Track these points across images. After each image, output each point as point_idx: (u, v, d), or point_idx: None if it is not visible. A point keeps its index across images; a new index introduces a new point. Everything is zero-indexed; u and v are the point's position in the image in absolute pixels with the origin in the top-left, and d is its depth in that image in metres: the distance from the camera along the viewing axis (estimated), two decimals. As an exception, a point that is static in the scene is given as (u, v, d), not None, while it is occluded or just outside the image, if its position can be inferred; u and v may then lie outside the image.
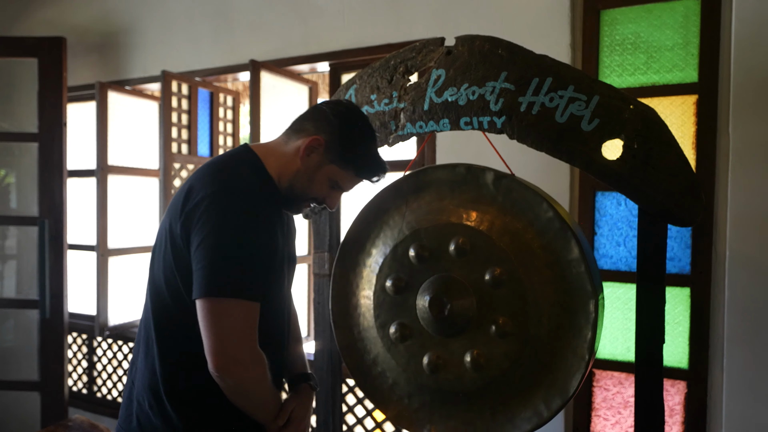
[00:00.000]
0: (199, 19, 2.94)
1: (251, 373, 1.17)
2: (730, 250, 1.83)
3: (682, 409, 1.97)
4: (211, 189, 1.17)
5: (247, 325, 1.16)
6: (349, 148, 1.30)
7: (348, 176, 1.33)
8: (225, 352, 1.13)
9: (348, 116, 1.31)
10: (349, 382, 2.55)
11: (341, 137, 1.29)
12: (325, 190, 1.34)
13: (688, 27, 1.93)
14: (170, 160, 2.86)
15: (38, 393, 2.97)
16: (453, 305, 1.43)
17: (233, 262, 1.14)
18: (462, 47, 1.44)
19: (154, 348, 1.27)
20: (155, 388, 1.26)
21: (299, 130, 1.33)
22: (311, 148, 1.29)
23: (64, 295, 2.91)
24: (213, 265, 1.13)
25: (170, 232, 1.23)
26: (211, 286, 1.13)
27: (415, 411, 1.54)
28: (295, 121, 1.36)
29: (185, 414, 1.24)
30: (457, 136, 2.19)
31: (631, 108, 1.26)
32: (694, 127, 1.93)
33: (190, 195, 1.20)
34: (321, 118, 1.31)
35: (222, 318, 1.13)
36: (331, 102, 1.35)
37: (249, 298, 1.16)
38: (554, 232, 1.36)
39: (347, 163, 1.31)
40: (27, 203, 3.60)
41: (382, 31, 2.42)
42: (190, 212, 1.18)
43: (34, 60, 2.89)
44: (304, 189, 1.32)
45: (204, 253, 1.14)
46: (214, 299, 1.13)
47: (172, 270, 1.22)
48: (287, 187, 1.32)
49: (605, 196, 2.06)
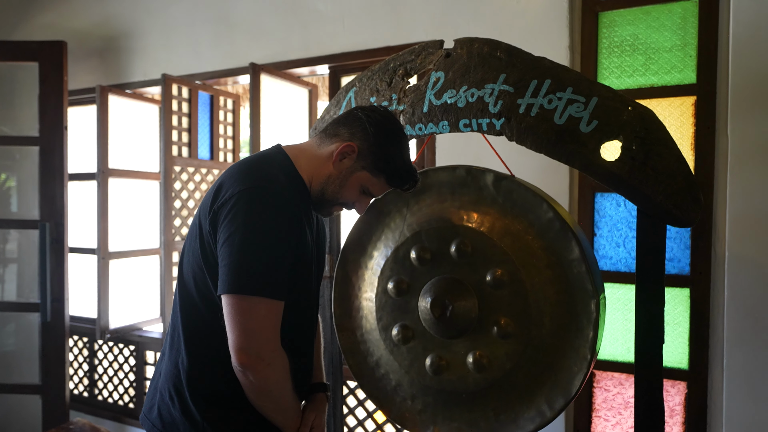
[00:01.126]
0: (199, 23, 2.95)
1: (273, 371, 1.18)
2: (729, 251, 1.84)
3: (682, 409, 1.97)
4: (240, 187, 1.18)
5: (271, 322, 1.17)
6: (382, 156, 1.30)
7: (379, 183, 1.33)
8: (249, 347, 1.14)
9: (383, 124, 1.31)
10: (349, 384, 2.55)
11: (375, 145, 1.30)
12: (355, 196, 1.35)
13: (686, 28, 1.93)
14: (171, 163, 2.87)
15: (39, 396, 2.97)
16: (455, 307, 1.43)
17: (259, 260, 1.15)
18: (461, 50, 1.45)
19: (180, 342, 1.29)
20: (177, 381, 1.28)
21: (333, 134, 1.33)
22: (344, 154, 1.30)
23: (65, 298, 2.92)
24: (239, 262, 1.14)
25: (200, 229, 1.25)
26: (236, 282, 1.14)
27: (418, 413, 1.55)
28: (330, 125, 1.36)
29: (205, 408, 1.26)
30: (457, 138, 2.19)
31: (629, 109, 1.26)
32: (692, 128, 1.93)
33: (220, 192, 1.21)
34: (356, 124, 1.31)
35: (247, 314, 1.14)
36: (368, 108, 1.35)
37: (273, 296, 1.16)
38: (555, 233, 1.37)
39: (379, 170, 1.31)
40: (28, 207, 3.61)
41: (381, 34, 2.43)
42: (218, 209, 1.19)
43: (35, 64, 2.90)
44: (335, 193, 1.33)
45: (230, 249, 1.15)
46: (239, 296, 1.14)
47: (200, 266, 1.24)
48: (319, 190, 1.33)
49: (604, 198, 2.07)
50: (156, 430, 1.31)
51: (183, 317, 1.30)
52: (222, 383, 1.25)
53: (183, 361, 1.28)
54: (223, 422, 1.26)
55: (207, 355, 1.26)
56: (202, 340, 1.27)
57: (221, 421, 1.26)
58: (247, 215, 1.16)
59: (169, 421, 1.28)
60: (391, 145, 1.31)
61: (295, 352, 1.30)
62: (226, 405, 1.27)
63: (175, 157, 2.91)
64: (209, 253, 1.22)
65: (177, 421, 1.27)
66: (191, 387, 1.27)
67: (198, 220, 1.27)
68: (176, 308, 1.33)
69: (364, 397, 2.54)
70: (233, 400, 1.25)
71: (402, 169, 1.33)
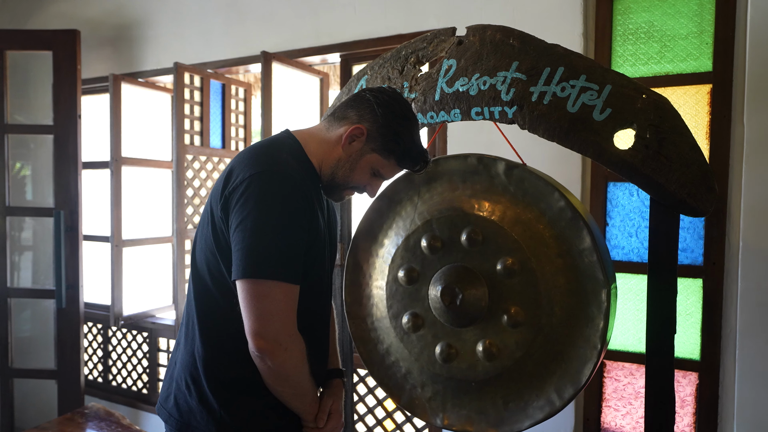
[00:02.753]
0: (211, 11, 2.95)
1: (290, 356, 1.17)
2: (743, 241, 1.82)
3: (693, 400, 1.97)
4: (251, 171, 1.17)
5: (287, 306, 1.17)
6: (392, 137, 1.28)
7: (390, 165, 1.32)
8: (266, 332, 1.14)
9: (392, 105, 1.30)
10: (359, 371, 2.57)
11: (384, 126, 1.28)
12: (366, 178, 1.34)
13: (703, 15, 1.90)
14: (183, 152, 2.88)
15: (55, 381, 3.02)
16: (465, 295, 1.43)
17: (273, 243, 1.14)
18: (473, 37, 1.43)
19: (196, 330, 1.29)
20: (193, 369, 1.28)
21: (342, 117, 1.32)
22: (353, 137, 1.29)
23: (80, 285, 2.95)
24: (253, 246, 1.14)
25: (211, 215, 1.24)
26: (251, 267, 1.13)
27: (428, 400, 1.56)
28: (338, 107, 1.35)
29: (223, 396, 1.25)
30: (469, 126, 2.18)
31: (643, 97, 1.25)
32: (708, 116, 1.91)
33: (230, 178, 1.20)
34: (364, 106, 1.30)
35: (262, 299, 1.14)
36: (375, 90, 1.33)
37: (288, 280, 1.16)
38: (566, 222, 1.36)
39: (389, 152, 1.30)
40: (43, 195, 3.65)
41: (393, 22, 2.42)
42: (229, 194, 1.18)
43: (49, 53, 2.92)
44: (345, 177, 1.32)
45: (243, 234, 1.14)
46: (254, 280, 1.14)
47: (213, 252, 1.23)
48: (329, 174, 1.32)
49: (617, 187, 2.05)
50: (173, 419, 1.30)
51: (198, 305, 1.29)
52: (238, 370, 1.24)
53: (198, 349, 1.28)
54: (240, 409, 1.26)
55: (223, 343, 1.26)
56: (217, 328, 1.26)
57: (238, 408, 1.26)
58: (259, 199, 1.15)
59: (186, 409, 1.28)
60: (401, 126, 1.29)
61: (311, 336, 1.29)
62: (243, 392, 1.26)
63: (188, 145, 2.93)
64: (222, 239, 1.22)
65: (194, 409, 1.27)
66: (207, 375, 1.26)
67: (209, 207, 1.26)
68: (190, 297, 1.33)
69: (374, 385, 2.56)
70: (250, 387, 1.24)
71: (412, 150, 1.31)
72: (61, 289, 2.90)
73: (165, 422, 1.33)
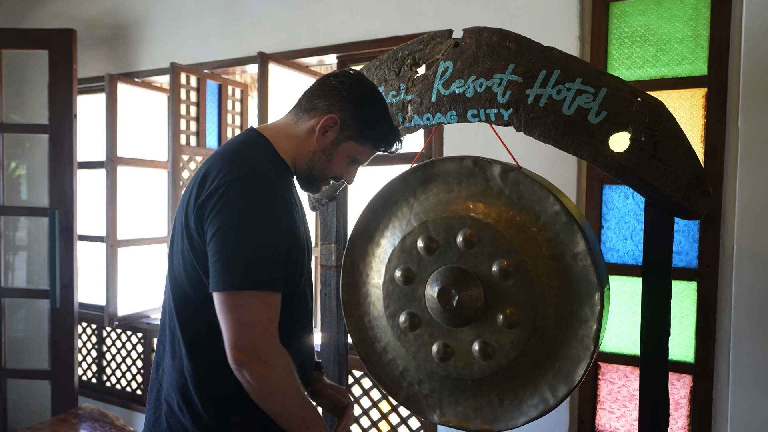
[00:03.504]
0: (208, 11, 2.95)
1: (271, 370, 1.10)
2: (737, 244, 1.83)
3: (687, 402, 1.97)
4: (226, 177, 1.12)
5: (267, 317, 1.11)
6: (366, 122, 1.25)
7: (366, 150, 1.30)
8: (244, 345, 1.08)
9: (360, 89, 1.26)
10: (355, 373, 2.57)
11: (357, 113, 1.24)
12: (344, 167, 1.31)
13: (698, 19, 1.91)
14: (179, 152, 2.88)
15: (49, 382, 3.01)
16: (461, 296, 1.44)
17: (250, 252, 1.10)
18: (470, 39, 1.44)
19: (182, 348, 1.20)
20: (184, 389, 1.20)
21: (310, 108, 1.27)
22: (326, 128, 1.24)
23: (74, 285, 2.94)
24: (229, 257, 1.09)
25: (185, 226, 1.18)
26: (228, 278, 1.08)
27: (425, 397, 1.57)
28: (303, 98, 1.29)
29: (217, 414, 1.18)
30: (465, 128, 2.19)
31: (638, 100, 1.25)
32: (703, 120, 1.92)
33: (203, 186, 1.15)
34: (333, 94, 1.25)
35: (240, 310, 1.09)
36: (340, 74, 1.27)
37: (268, 288, 1.11)
38: (561, 225, 1.37)
39: (365, 138, 1.27)
40: (38, 194, 3.64)
41: (390, 24, 2.42)
42: (203, 203, 1.13)
43: (45, 52, 2.91)
44: (323, 169, 1.29)
45: (219, 245, 1.10)
46: (231, 292, 1.09)
47: (193, 264, 1.17)
48: (305, 168, 1.28)
49: (612, 189, 2.06)
50: None
51: (181, 322, 1.21)
52: (232, 386, 1.15)
53: (188, 368, 1.19)
54: (238, 427, 1.19)
55: (214, 359, 1.17)
56: (206, 344, 1.18)
57: (235, 426, 1.19)
58: (235, 206, 1.10)
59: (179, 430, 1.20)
60: (373, 109, 1.26)
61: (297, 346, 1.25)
62: (239, 408, 1.18)
63: (183, 146, 2.92)
64: (199, 251, 1.15)
65: (188, 429, 1.19)
66: (200, 394, 1.18)
67: (182, 218, 1.19)
68: (171, 313, 1.23)
69: (369, 386, 2.56)
70: (247, 402, 1.16)
71: (388, 133, 1.28)
72: (55, 289, 2.89)
73: None
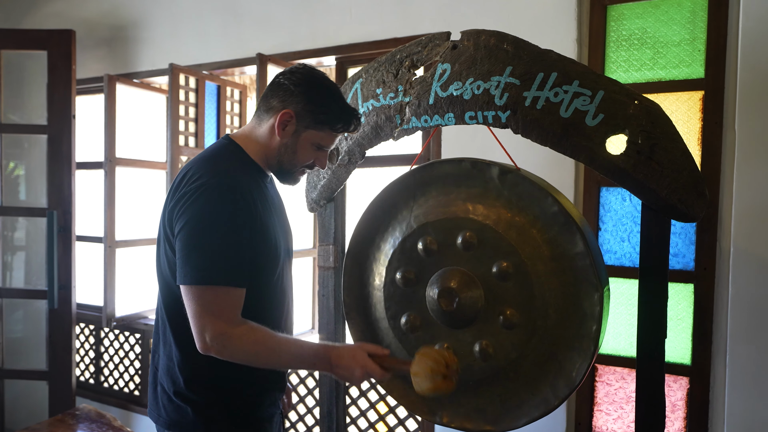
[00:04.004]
0: (207, 13, 2.95)
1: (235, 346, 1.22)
2: (734, 247, 1.83)
3: (684, 405, 1.98)
4: (192, 184, 1.25)
5: (225, 309, 1.22)
6: (318, 109, 1.34)
7: (326, 135, 1.38)
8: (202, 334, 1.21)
9: (306, 80, 1.35)
10: (353, 374, 2.56)
11: (307, 103, 1.33)
12: (311, 154, 1.40)
13: (695, 22, 1.92)
14: (177, 153, 2.88)
15: (46, 382, 3.00)
16: (461, 298, 1.45)
17: (210, 249, 1.21)
18: (468, 42, 1.44)
19: (169, 336, 1.35)
20: (172, 372, 1.34)
21: (268, 109, 1.37)
22: (284, 123, 1.34)
23: (72, 286, 2.94)
24: (188, 254, 1.21)
25: (164, 227, 1.31)
26: (191, 272, 1.20)
27: (427, 399, 1.57)
28: (261, 100, 1.41)
29: (201, 393, 1.32)
30: (463, 130, 2.19)
31: (635, 103, 1.26)
32: (700, 123, 1.92)
33: (177, 190, 1.28)
34: (283, 90, 1.35)
35: (201, 303, 1.21)
36: (287, 72, 1.38)
37: (229, 284, 1.22)
38: (560, 226, 1.38)
39: (322, 123, 1.35)
40: (36, 195, 3.64)
41: (388, 26, 2.42)
42: (173, 207, 1.27)
43: (44, 53, 2.91)
44: (291, 161, 1.39)
45: (181, 243, 1.23)
46: (191, 286, 1.21)
47: (173, 260, 1.29)
48: (276, 164, 1.39)
49: (610, 192, 2.07)
50: (162, 419, 1.37)
51: (168, 313, 1.35)
52: (214, 369, 1.29)
53: (175, 353, 1.33)
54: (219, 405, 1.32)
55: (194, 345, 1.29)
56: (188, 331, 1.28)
57: (217, 403, 1.32)
58: (198, 207, 1.22)
59: (172, 408, 1.34)
60: (321, 96, 1.35)
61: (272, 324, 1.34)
62: (220, 388, 1.32)
63: (182, 146, 2.92)
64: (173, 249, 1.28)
65: (180, 408, 1.33)
66: (185, 376, 1.32)
67: (163, 219, 1.33)
68: (160, 304, 1.39)
69: (366, 388, 2.56)
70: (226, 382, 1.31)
71: (342, 114, 1.36)
72: (53, 290, 2.89)
73: (155, 423, 1.40)
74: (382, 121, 1.56)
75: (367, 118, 1.59)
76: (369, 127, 1.59)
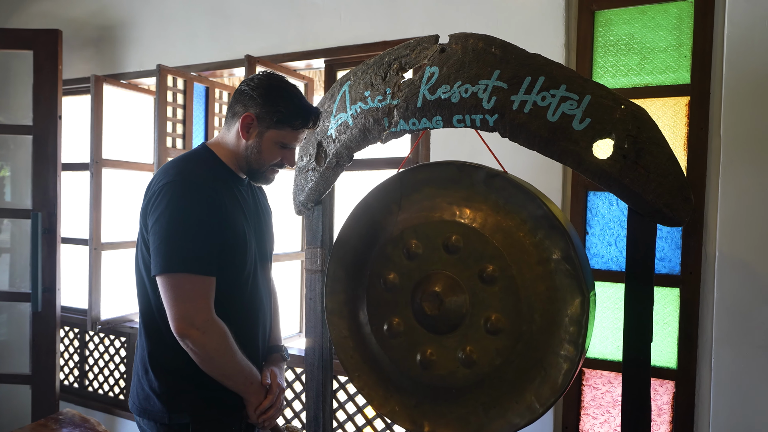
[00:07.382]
0: (195, 14, 2.93)
1: (210, 339, 1.35)
2: (719, 251, 1.85)
3: (670, 408, 1.99)
4: (164, 181, 1.38)
5: (201, 294, 1.34)
6: (276, 110, 1.44)
7: (287, 133, 1.48)
8: (181, 316, 1.32)
9: (264, 84, 1.46)
10: (340, 378, 2.56)
11: (265, 105, 1.44)
12: (276, 153, 1.50)
13: (682, 29, 1.94)
14: (165, 155, 2.86)
15: (29, 386, 2.96)
16: (446, 302, 1.44)
17: (181, 240, 1.33)
18: (456, 45, 1.44)
19: (142, 327, 1.50)
20: (144, 361, 1.48)
21: (233, 115, 1.50)
22: (247, 126, 1.46)
23: (57, 288, 2.90)
24: (163, 245, 1.33)
25: (141, 226, 1.45)
26: (164, 262, 1.32)
27: (408, 407, 1.55)
28: (228, 108, 1.53)
29: (168, 382, 1.44)
30: (451, 133, 2.19)
31: (622, 108, 1.27)
32: (685, 128, 1.94)
33: (148, 191, 1.42)
34: (244, 96, 1.47)
35: (177, 289, 1.33)
36: (248, 80, 1.49)
37: (200, 272, 1.34)
38: (546, 230, 1.37)
39: (281, 123, 1.46)
40: (21, 196, 3.59)
41: (378, 29, 2.42)
42: (145, 206, 1.41)
43: (30, 52, 2.88)
44: (258, 160, 1.50)
45: (155, 235, 1.35)
46: (168, 274, 1.33)
47: (146, 256, 1.42)
48: (245, 164, 1.51)
49: (597, 196, 2.07)
50: (135, 406, 1.50)
51: (141, 307, 1.50)
52: (178, 362, 1.41)
53: (144, 344, 1.48)
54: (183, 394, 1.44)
55: (162, 337, 1.43)
56: (156, 324, 1.44)
57: (182, 392, 1.44)
58: (167, 204, 1.34)
59: (143, 396, 1.47)
60: (279, 97, 1.45)
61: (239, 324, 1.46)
62: (186, 379, 1.43)
63: (169, 148, 2.90)
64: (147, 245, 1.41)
65: (149, 395, 1.45)
66: (153, 365, 1.46)
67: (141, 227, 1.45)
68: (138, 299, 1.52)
69: (354, 392, 2.55)
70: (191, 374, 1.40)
71: (298, 112, 1.46)
72: (37, 293, 2.85)
73: (131, 410, 1.52)
74: (370, 123, 1.56)
75: (355, 121, 1.59)
76: (357, 129, 1.58)
